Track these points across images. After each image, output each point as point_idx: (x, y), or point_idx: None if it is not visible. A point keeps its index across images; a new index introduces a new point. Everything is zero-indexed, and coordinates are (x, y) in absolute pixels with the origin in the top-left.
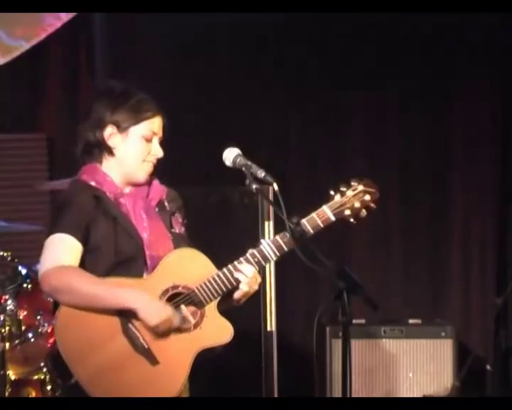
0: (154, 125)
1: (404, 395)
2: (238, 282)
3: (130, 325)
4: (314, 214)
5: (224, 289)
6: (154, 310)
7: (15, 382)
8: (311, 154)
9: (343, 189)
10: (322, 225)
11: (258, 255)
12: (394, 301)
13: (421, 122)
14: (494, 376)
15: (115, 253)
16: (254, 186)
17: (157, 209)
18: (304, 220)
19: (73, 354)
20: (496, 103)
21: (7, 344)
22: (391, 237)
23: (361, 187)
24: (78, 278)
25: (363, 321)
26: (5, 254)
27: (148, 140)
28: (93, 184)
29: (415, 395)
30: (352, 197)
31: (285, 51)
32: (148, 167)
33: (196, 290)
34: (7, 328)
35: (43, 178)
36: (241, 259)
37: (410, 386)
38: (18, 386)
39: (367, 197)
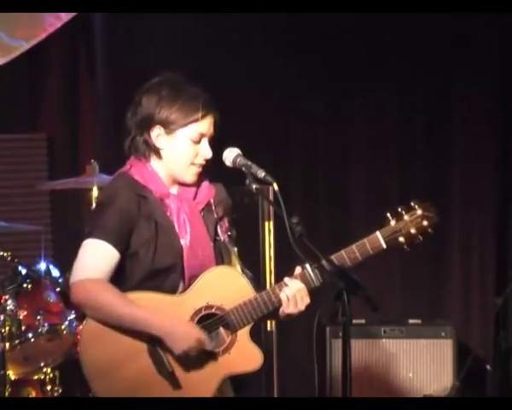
0: (203, 126)
1: (404, 395)
2: (275, 306)
3: (157, 346)
4: (366, 240)
5: (260, 315)
6: (178, 339)
7: (15, 382)
8: (312, 154)
9: (401, 211)
10: (371, 252)
11: (307, 273)
12: (394, 301)
13: (422, 122)
14: (494, 376)
15: (152, 261)
16: (254, 186)
17: (203, 213)
18: (354, 246)
19: (95, 370)
20: (496, 103)
21: (7, 344)
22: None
23: (420, 211)
24: (106, 298)
25: (363, 321)
26: (5, 254)
27: (196, 142)
28: (140, 180)
29: (415, 395)
30: (409, 222)
31: (285, 51)
32: (195, 170)
33: (230, 313)
34: (7, 328)
35: (43, 178)
36: (285, 279)
37: (410, 386)
38: (18, 386)
39: (425, 223)
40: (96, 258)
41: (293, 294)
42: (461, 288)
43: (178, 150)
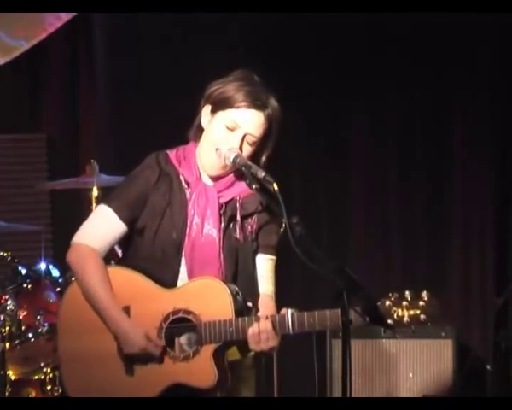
0: (242, 117)
1: (404, 395)
2: (245, 336)
3: None
4: (327, 312)
5: (228, 338)
6: (128, 341)
7: (15, 382)
8: (312, 154)
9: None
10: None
11: (276, 319)
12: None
13: (422, 122)
14: (494, 376)
15: (153, 242)
16: (254, 186)
17: (224, 208)
18: (316, 313)
19: (67, 327)
20: (496, 103)
21: (7, 344)
22: (391, 238)
23: (422, 303)
24: (90, 272)
25: None
26: (5, 254)
27: (230, 129)
28: (174, 161)
29: (415, 395)
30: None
31: (285, 52)
32: (217, 159)
33: (203, 326)
34: (7, 328)
35: (43, 178)
36: (258, 315)
37: (410, 386)
38: (18, 386)
39: (422, 317)
40: (100, 225)
41: (258, 332)
42: (461, 288)
43: (211, 131)
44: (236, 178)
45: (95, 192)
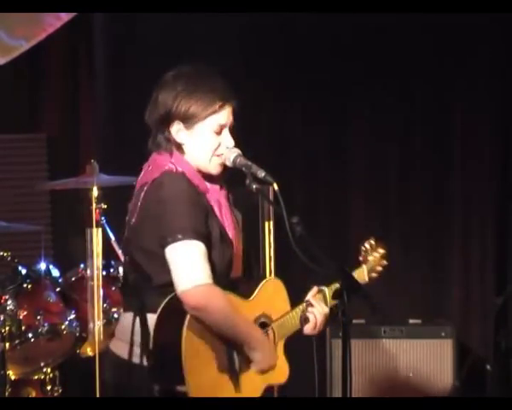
0: (223, 117)
1: (404, 395)
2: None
3: (233, 350)
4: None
5: (293, 330)
6: (272, 353)
7: (15, 382)
8: (312, 154)
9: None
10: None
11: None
12: (394, 301)
13: (422, 121)
14: (494, 376)
15: (218, 256)
16: (254, 186)
17: (229, 199)
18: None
19: (193, 362)
20: (496, 103)
21: (7, 344)
22: (391, 238)
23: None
24: (222, 304)
25: (363, 321)
26: (5, 254)
27: (218, 133)
28: (187, 174)
29: (415, 395)
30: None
31: (285, 52)
32: (219, 160)
33: (275, 325)
34: (7, 328)
35: (43, 178)
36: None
37: (410, 386)
38: (18, 386)
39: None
40: (194, 260)
41: (320, 315)
42: (461, 288)
43: (200, 143)
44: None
45: (95, 192)
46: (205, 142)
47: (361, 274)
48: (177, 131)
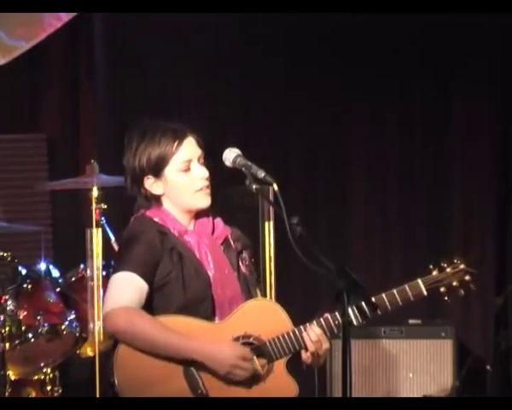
0: (184, 153)
1: (404, 395)
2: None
3: (192, 369)
4: (406, 286)
5: (297, 348)
6: (223, 360)
7: (15, 382)
8: (312, 154)
9: (443, 264)
10: (412, 299)
11: (331, 321)
12: None
13: (422, 121)
14: (494, 376)
15: (184, 291)
16: (254, 186)
17: (223, 248)
18: (394, 291)
19: (128, 390)
20: (496, 102)
21: (7, 344)
22: (391, 238)
23: (463, 266)
24: (145, 324)
25: None
26: (5, 254)
27: (187, 170)
28: (157, 220)
29: (415, 395)
30: (451, 275)
31: (285, 52)
32: (202, 193)
33: (268, 344)
34: (7, 328)
35: (43, 178)
36: (314, 321)
37: (410, 386)
38: (18, 386)
39: (467, 277)
40: (126, 289)
41: (316, 339)
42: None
43: (175, 187)
44: (213, 223)
45: (95, 192)
46: (179, 183)
47: (416, 289)
48: (151, 184)
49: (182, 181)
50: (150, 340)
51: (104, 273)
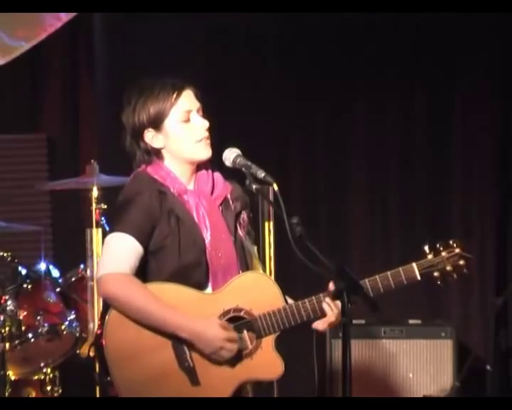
0: (184, 104)
1: (404, 395)
2: (302, 319)
3: (181, 342)
4: (401, 269)
5: (287, 326)
6: (210, 341)
7: (15, 382)
8: (312, 154)
9: (439, 247)
10: (405, 282)
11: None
12: (394, 301)
13: (422, 122)
14: (494, 376)
15: (179, 257)
16: (254, 186)
17: (221, 209)
18: (388, 273)
19: (116, 355)
20: (496, 102)
21: (7, 344)
22: (390, 238)
23: (458, 250)
24: (137, 294)
25: (363, 321)
26: (5, 254)
27: (187, 121)
28: (157, 177)
29: (415, 395)
30: (446, 259)
31: (286, 52)
32: (203, 144)
33: (258, 319)
34: (7, 328)
35: (43, 178)
36: (321, 295)
37: (410, 386)
38: (18, 386)
39: (461, 262)
40: (121, 251)
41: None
42: (461, 288)
43: (176, 138)
44: (213, 180)
45: (95, 192)
46: (179, 134)
47: (410, 272)
48: (151, 137)
49: (182, 132)
50: (142, 311)
51: None
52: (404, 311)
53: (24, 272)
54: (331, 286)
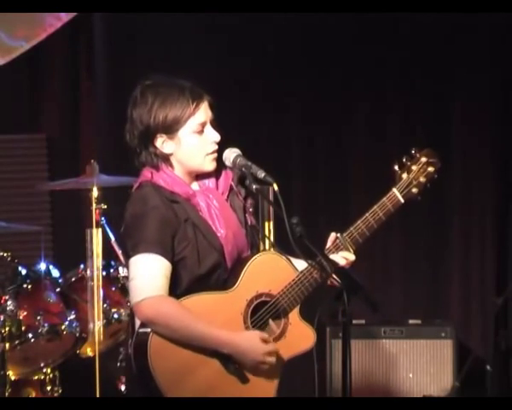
0: (200, 116)
1: (404, 395)
2: (317, 281)
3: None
4: (385, 198)
5: (306, 293)
6: (249, 356)
7: (15, 382)
8: (312, 154)
9: (406, 162)
10: (392, 210)
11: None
12: (394, 301)
13: (422, 122)
14: (494, 376)
15: (199, 265)
16: (254, 186)
17: (229, 201)
18: (375, 206)
19: (168, 381)
20: (496, 101)
21: (7, 344)
22: (390, 238)
23: (424, 159)
24: (175, 316)
25: (363, 321)
26: (5, 254)
27: (200, 132)
28: (163, 184)
29: (415, 395)
30: (417, 172)
31: (286, 52)
32: (211, 157)
33: (280, 298)
34: (7, 328)
35: (43, 178)
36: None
37: (410, 386)
38: (18, 386)
39: (430, 169)
40: (151, 273)
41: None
42: (461, 288)
43: (187, 149)
44: (215, 173)
45: (95, 192)
46: (191, 145)
47: (393, 198)
48: (162, 142)
49: (194, 143)
50: (181, 331)
51: (104, 273)
52: (404, 311)
53: (24, 272)
54: (330, 238)
